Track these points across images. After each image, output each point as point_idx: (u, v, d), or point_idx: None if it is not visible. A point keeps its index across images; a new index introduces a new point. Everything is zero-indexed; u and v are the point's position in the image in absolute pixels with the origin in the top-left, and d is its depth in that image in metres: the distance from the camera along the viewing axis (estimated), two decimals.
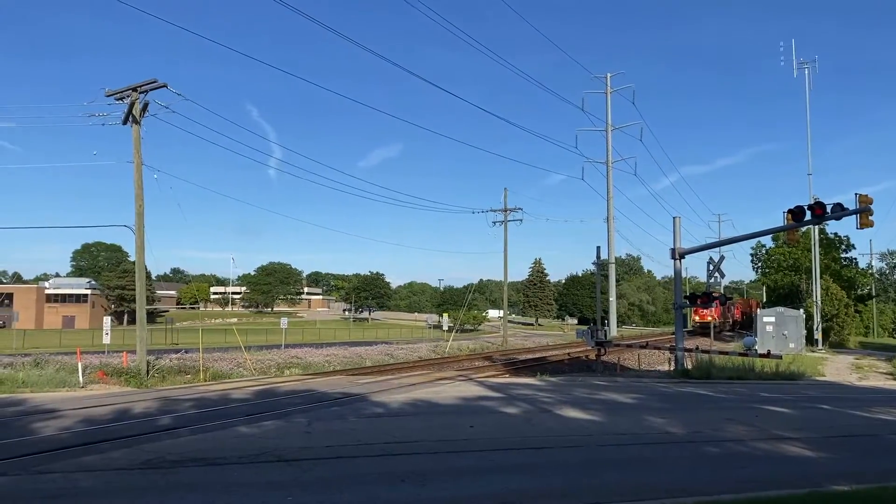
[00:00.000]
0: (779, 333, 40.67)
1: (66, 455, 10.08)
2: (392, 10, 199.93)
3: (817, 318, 47.47)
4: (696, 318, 63.32)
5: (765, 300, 67.42)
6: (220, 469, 9.15)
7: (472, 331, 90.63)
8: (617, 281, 51.55)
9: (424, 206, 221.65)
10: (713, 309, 54.78)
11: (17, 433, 12.26)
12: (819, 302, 48.01)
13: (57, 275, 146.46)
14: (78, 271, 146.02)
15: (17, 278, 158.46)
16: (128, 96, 24.12)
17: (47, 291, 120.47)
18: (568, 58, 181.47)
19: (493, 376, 23.38)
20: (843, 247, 63.82)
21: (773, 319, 41.66)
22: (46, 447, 10.81)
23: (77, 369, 21.16)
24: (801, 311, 44.90)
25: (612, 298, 48.22)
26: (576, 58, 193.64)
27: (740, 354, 26.85)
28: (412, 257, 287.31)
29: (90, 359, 25.24)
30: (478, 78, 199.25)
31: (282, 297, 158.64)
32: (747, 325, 66.80)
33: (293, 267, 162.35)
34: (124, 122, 24.37)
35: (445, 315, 68.88)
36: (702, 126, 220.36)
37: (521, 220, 54.79)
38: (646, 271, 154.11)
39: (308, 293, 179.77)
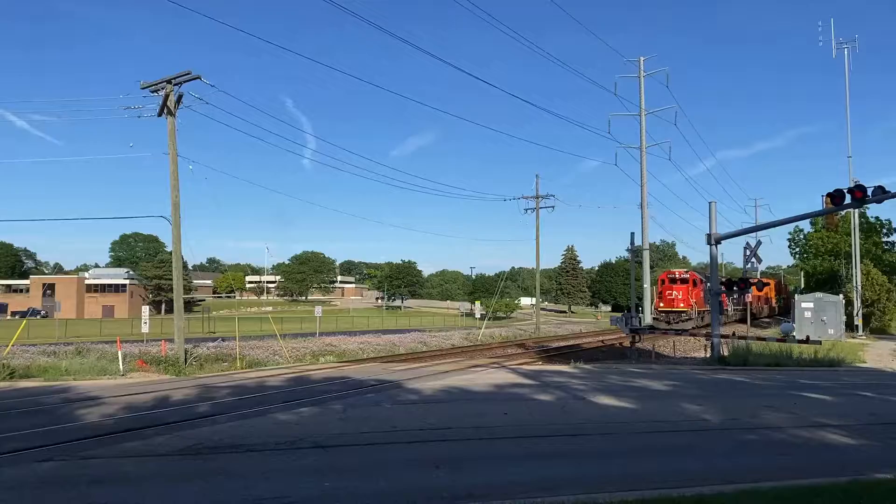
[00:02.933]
0: (817, 319, 39.95)
1: (109, 441, 10.32)
2: None
3: (857, 304, 46.50)
4: (661, 304, 43.77)
5: (802, 286, 66.20)
6: (259, 455, 9.29)
7: (504, 318, 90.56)
8: (651, 267, 50.83)
9: (456, 195, 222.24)
10: (683, 290, 43.17)
11: (62, 420, 12.58)
12: (859, 287, 47.01)
13: (96, 265, 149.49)
14: (116, 262, 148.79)
15: (58, 269, 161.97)
16: (162, 88, 24.43)
17: (87, 282, 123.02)
18: (601, 42, 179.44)
19: (526, 364, 23.35)
20: (885, 231, 62.31)
21: (811, 305, 40.91)
22: (90, 433, 11.08)
23: (117, 358, 21.60)
24: (841, 296, 44.04)
25: (647, 285, 47.54)
26: (608, 40, 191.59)
27: (778, 340, 26.45)
28: (444, 245, 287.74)
29: (129, 347, 25.76)
30: (510, 65, 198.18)
31: (315, 285, 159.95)
32: (783, 311, 65.03)
33: (326, 256, 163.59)
34: (159, 114, 24.69)
35: (477, 303, 68.90)
36: (738, 109, 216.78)
37: (552, 207, 54.51)
38: (681, 257, 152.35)
39: (341, 281, 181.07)
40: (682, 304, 42.51)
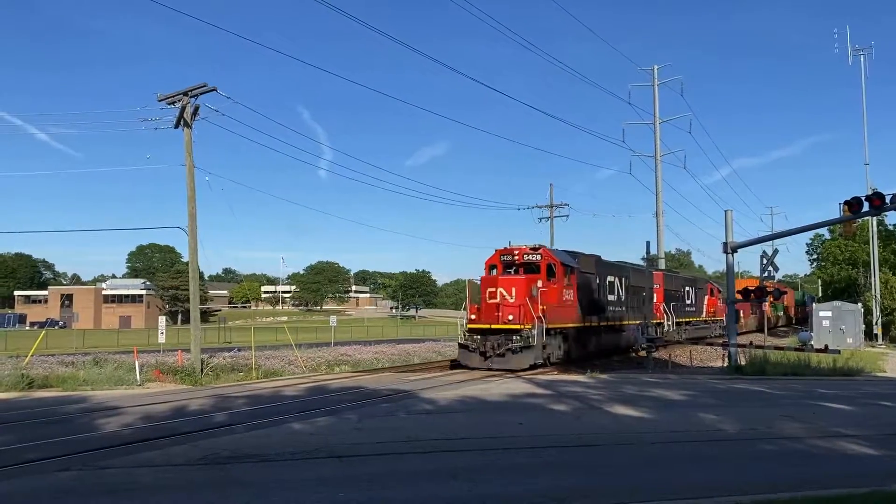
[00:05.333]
0: (836, 328, 39.54)
1: (127, 451, 10.39)
2: (435, 7, 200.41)
3: (876, 313, 46.03)
4: (476, 315, 24.50)
5: (820, 294, 65.57)
6: (274, 465, 9.32)
7: None
8: None
9: (470, 204, 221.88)
10: (519, 287, 23.00)
11: (80, 429, 12.68)
12: (878, 295, 46.53)
13: (113, 276, 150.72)
14: (133, 272, 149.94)
15: (76, 280, 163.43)
16: (179, 101, 24.64)
17: (105, 292, 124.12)
18: (614, 51, 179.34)
19: (541, 373, 23.27)
20: None
21: (829, 314, 40.50)
22: (107, 443, 11.16)
23: (134, 368, 21.74)
24: (859, 305, 43.60)
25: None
26: (622, 49, 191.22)
27: (796, 350, 26.21)
28: (458, 255, 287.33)
29: (146, 357, 25.92)
30: (524, 74, 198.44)
31: (330, 295, 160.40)
32: (801, 320, 64.16)
33: (341, 266, 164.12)
34: (176, 126, 24.89)
35: None
36: (754, 117, 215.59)
37: (567, 217, 54.14)
38: (697, 266, 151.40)
39: (356, 291, 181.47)
40: (511, 316, 22.89)
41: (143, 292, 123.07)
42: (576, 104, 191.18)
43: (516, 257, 25.07)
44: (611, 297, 30.09)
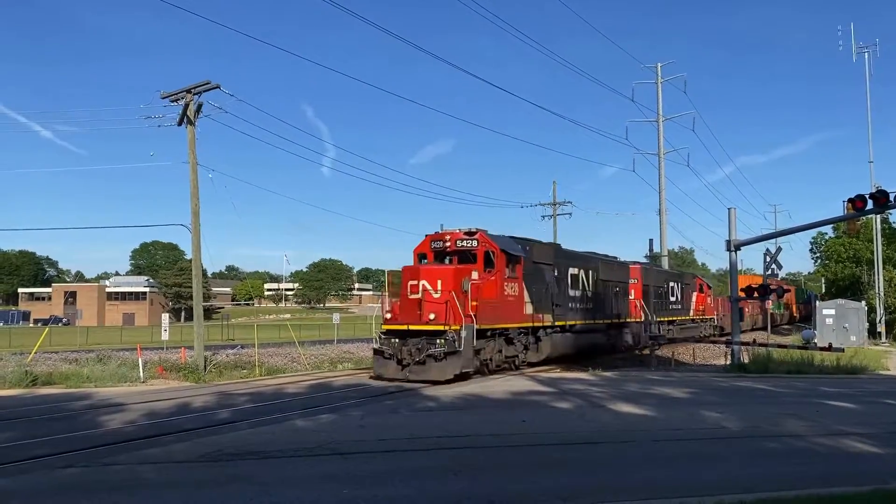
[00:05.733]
0: (839, 326, 39.46)
1: (131, 448, 10.41)
2: (439, 5, 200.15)
3: (880, 311, 45.91)
4: (394, 313, 20.60)
5: (823, 292, 65.47)
6: (277, 462, 9.33)
7: None
8: None
9: (473, 201, 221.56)
10: (445, 279, 19.26)
11: (85, 426, 12.71)
12: (882, 294, 46.43)
13: (117, 273, 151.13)
14: (136, 270, 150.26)
15: (79, 277, 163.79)
16: (182, 98, 24.65)
17: (108, 290, 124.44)
18: (618, 48, 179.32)
19: (544, 370, 23.27)
20: None
21: (833, 312, 40.41)
22: (112, 440, 11.19)
23: (138, 365, 21.78)
24: (863, 303, 43.50)
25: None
26: (626, 46, 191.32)
27: (799, 348, 26.17)
28: None
29: (150, 355, 25.96)
30: (527, 72, 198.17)
31: (333, 292, 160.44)
32: (804, 317, 63.89)
33: (344, 263, 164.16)
34: (179, 124, 24.90)
35: None
36: (757, 114, 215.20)
37: (570, 214, 54.11)
38: (700, 264, 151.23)
39: (359, 289, 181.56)
40: (432, 315, 19.04)
41: (147, 290, 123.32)
42: (579, 102, 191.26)
43: (448, 244, 21.23)
44: (574, 293, 26.26)
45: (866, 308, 42.74)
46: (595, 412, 13.87)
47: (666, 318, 36.07)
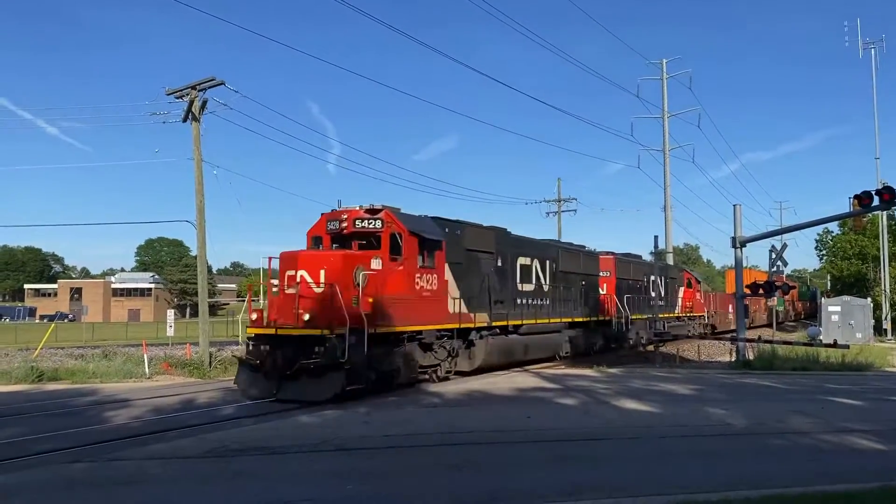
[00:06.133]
0: (845, 323, 39.35)
1: (136, 443, 10.45)
2: (443, 1, 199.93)
3: (886, 308, 45.77)
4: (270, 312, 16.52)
5: (829, 289, 65.30)
6: (282, 458, 9.35)
7: None
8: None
9: (478, 198, 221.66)
10: (330, 267, 14.79)
11: (90, 422, 12.77)
12: (888, 290, 46.29)
13: (122, 269, 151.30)
14: (142, 266, 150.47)
15: (85, 273, 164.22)
16: (187, 94, 24.68)
17: (114, 286, 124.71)
18: (623, 44, 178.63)
19: (548, 367, 23.26)
20: None
21: (838, 309, 40.31)
22: (117, 435, 11.23)
23: (143, 361, 21.85)
24: (869, 300, 43.38)
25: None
26: (631, 42, 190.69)
27: (804, 344, 26.10)
28: None
29: (155, 351, 26.04)
30: (532, 68, 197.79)
31: None
32: (809, 314, 63.62)
33: None
34: (184, 120, 24.94)
35: None
36: (763, 111, 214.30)
37: (575, 211, 54.06)
38: (705, 261, 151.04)
39: None
40: (307, 316, 14.88)
41: (152, 286, 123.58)
42: (584, 98, 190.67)
43: (345, 224, 16.79)
44: (524, 287, 22.44)
45: (872, 305, 42.64)
46: (600, 408, 13.86)
47: (646, 316, 32.46)
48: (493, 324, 20.31)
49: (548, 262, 24.24)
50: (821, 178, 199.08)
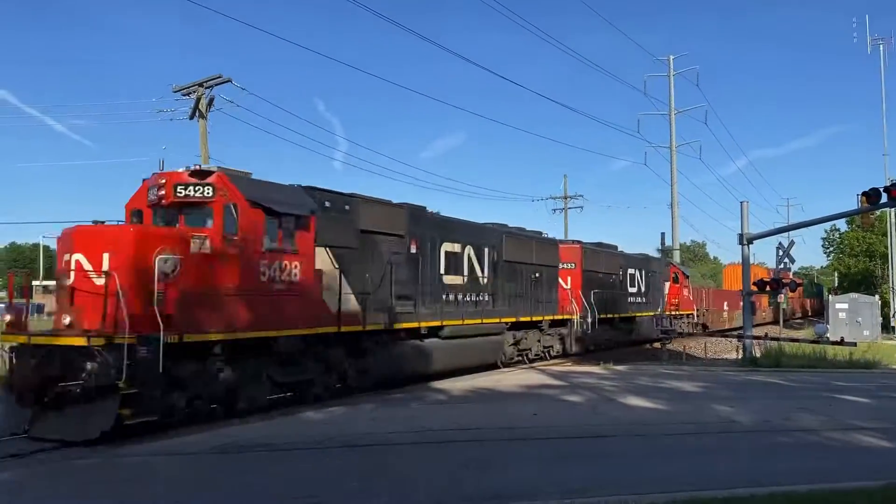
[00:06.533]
0: (852, 320, 39.26)
1: (143, 439, 10.47)
2: None
3: (894, 305, 45.65)
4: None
5: (836, 286, 65.14)
6: (289, 454, 9.38)
7: None
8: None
9: (484, 195, 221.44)
10: (116, 257, 10.39)
11: None
12: (895, 288, 46.15)
13: None
14: None
15: None
16: (194, 92, 24.76)
17: None
18: (630, 41, 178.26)
19: (554, 364, 23.25)
20: None
21: (846, 306, 40.22)
22: (123, 431, 11.25)
23: None
24: (876, 297, 43.27)
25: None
26: (637, 39, 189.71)
27: (811, 342, 26.04)
28: None
29: None
30: (538, 65, 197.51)
31: None
32: (816, 311, 63.44)
33: None
34: (191, 117, 25.04)
35: None
36: (771, 107, 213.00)
37: (581, 208, 53.95)
38: (711, 258, 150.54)
39: None
40: (67, 318, 10.85)
41: None
42: (590, 94, 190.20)
43: (163, 192, 12.38)
44: (451, 280, 18.20)
45: (880, 302, 42.53)
46: (606, 406, 13.85)
47: (620, 315, 29.42)
48: (397, 326, 15.84)
49: (487, 249, 19.88)
50: (828, 174, 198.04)
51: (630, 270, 30.85)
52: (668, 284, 36.08)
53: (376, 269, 15.47)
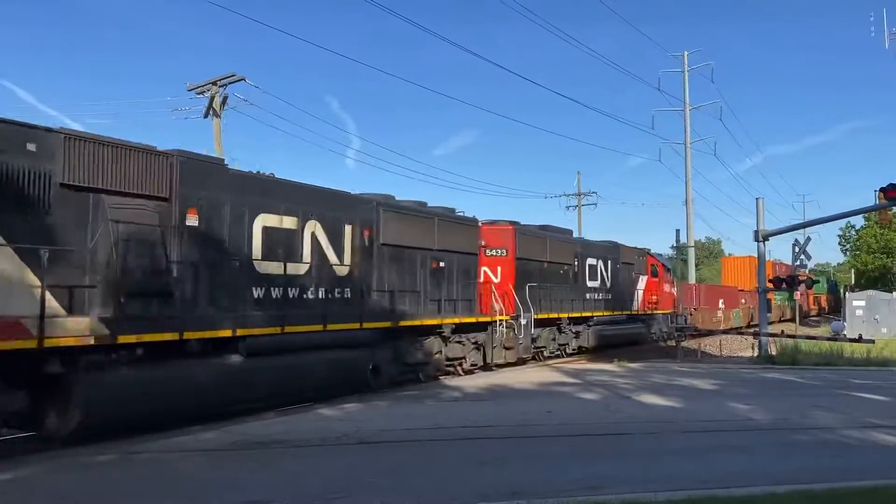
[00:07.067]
0: (870, 318, 38.93)
1: (158, 436, 10.53)
2: None
3: None
4: None
5: (853, 283, 64.62)
6: (304, 451, 9.41)
7: None
8: (696, 265, 50.20)
9: (498, 192, 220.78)
10: None
11: None
12: None
13: None
14: None
15: None
16: (208, 90, 24.89)
17: None
18: (644, 36, 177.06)
19: (569, 362, 23.21)
20: None
21: (863, 303, 39.88)
22: (140, 428, 11.32)
23: None
24: (894, 294, 42.84)
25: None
26: (651, 34, 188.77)
27: (828, 339, 25.84)
28: None
29: None
30: (552, 61, 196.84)
31: None
32: (833, 309, 62.93)
33: None
34: (205, 116, 25.18)
35: None
36: (786, 104, 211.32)
37: (595, 205, 53.84)
38: (727, 254, 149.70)
39: None
40: None
41: None
42: (605, 91, 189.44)
43: None
44: (268, 269, 12.62)
45: None
46: (621, 403, 13.82)
47: (572, 314, 23.96)
48: (121, 340, 9.87)
49: (349, 227, 14.46)
50: (845, 171, 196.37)
51: (590, 261, 25.71)
52: (644, 279, 30.90)
53: (103, 250, 10.03)
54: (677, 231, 42.44)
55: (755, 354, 25.08)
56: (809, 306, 61.91)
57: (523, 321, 20.13)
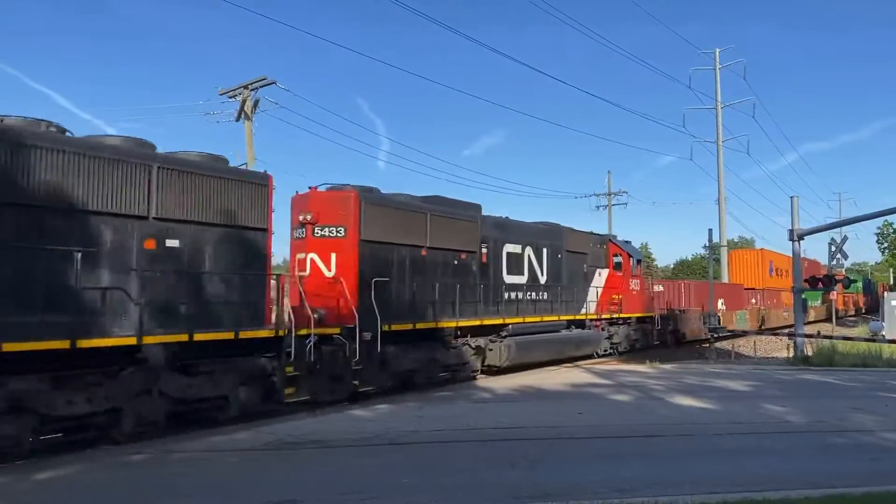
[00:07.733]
0: None
1: (194, 437, 10.69)
2: None
3: None
4: None
5: (891, 282, 63.29)
6: (336, 451, 9.49)
7: None
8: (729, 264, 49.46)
9: (527, 192, 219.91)
10: None
11: None
12: None
13: None
14: None
15: None
16: (239, 94, 25.19)
17: None
18: (674, 34, 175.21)
19: (600, 363, 23.07)
20: None
21: None
22: (175, 427, 11.50)
23: None
24: None
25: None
26: (681, 31, 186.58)
27: (866, 340, 25.35)
28: None
29: None
30: (581, 60, 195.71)
31: None
32: (871, 309, 61.66)
33: None
34: (237, 119, 25.48)
35: None
36: (822, 100, 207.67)
37: (626, 204, 53.34)
38: None
39: None
40: None
41: None
42: (635, 90, 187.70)
43: None
44: None
45: None
46: (653, 405, 13.71)
47: (472, 322, 17.41)
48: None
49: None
50: (883, 168, 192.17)
51: (509, 247, 19.46)
52: (602, 273, 24.30)
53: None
54: (710, 230, 41.74)
55: (790, 355, 24.70)
56: (840, 306, 60.59)
57: (367, 335, 13.77)
